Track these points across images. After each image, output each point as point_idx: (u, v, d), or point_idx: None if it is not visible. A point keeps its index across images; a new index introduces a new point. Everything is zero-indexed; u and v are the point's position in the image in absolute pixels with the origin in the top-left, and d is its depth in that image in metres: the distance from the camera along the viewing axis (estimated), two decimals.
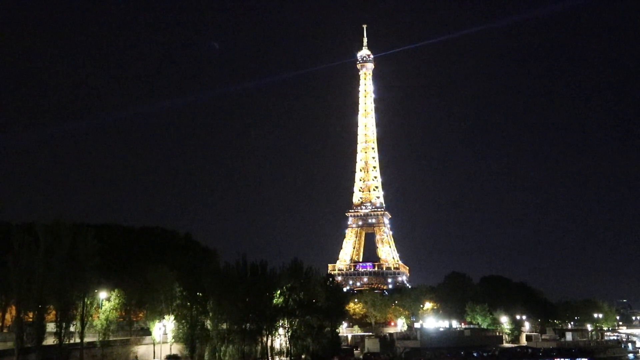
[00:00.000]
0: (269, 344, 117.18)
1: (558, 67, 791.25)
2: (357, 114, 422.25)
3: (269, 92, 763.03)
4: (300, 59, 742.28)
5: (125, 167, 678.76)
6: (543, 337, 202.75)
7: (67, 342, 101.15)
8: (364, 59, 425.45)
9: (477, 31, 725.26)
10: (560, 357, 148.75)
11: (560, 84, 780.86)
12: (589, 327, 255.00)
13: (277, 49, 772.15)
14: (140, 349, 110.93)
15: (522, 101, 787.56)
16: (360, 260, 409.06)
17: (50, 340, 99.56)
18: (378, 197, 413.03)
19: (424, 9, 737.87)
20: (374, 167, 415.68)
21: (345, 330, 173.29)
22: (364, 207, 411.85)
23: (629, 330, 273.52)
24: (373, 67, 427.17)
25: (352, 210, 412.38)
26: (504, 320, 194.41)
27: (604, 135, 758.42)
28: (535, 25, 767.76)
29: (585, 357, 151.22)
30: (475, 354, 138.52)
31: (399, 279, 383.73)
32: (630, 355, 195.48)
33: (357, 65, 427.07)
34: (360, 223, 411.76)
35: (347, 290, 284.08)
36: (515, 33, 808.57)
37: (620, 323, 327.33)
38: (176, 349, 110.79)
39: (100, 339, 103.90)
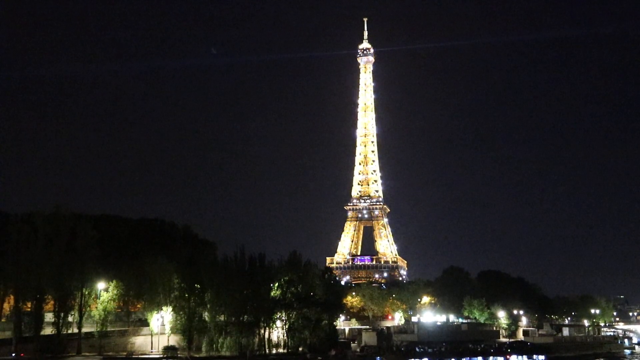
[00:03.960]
0: (266, 336, 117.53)
1: (557, 74, 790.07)
2: (357, 107, 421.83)
3: (268, 82, 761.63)
4: (301, 48, 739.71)
5: (125, 158, 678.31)
6: (540, 332, 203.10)
7: (65, 332, 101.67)
8: (364, 52, 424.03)
9: (476, 42, 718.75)
10: (516, 354, 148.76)
11: (560, 83, 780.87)
12: (586, 322, 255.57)
13: (276, 36, 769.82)
14: (138, 340, 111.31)
15: (522, 98, 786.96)
16: (359, 253, 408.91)
17: (48, 330, 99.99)
18: (377, 191, 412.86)
19: (425, 11, 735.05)
20: (373, 161, 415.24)
21: (342, 324, 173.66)
22: (362, 201, 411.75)
23: (626, 326, 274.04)
24: (373, 60, 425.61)
25: (351, 204, 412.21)
26: (502, 315, 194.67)
27: (602, 133, 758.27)
28: (540, 43, 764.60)
29: (541, 354, 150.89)
30: (417, 349, 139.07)
31: (397, 272, 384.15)
32: (627, 351, 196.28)
33: (358, 58, 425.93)
34: (358, 216, 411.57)
35: (345, 283, 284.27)
36: (524, 46, 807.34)
37: (618, 319, 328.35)
38: (174, 340, 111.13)
39: (98, 329, 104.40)
